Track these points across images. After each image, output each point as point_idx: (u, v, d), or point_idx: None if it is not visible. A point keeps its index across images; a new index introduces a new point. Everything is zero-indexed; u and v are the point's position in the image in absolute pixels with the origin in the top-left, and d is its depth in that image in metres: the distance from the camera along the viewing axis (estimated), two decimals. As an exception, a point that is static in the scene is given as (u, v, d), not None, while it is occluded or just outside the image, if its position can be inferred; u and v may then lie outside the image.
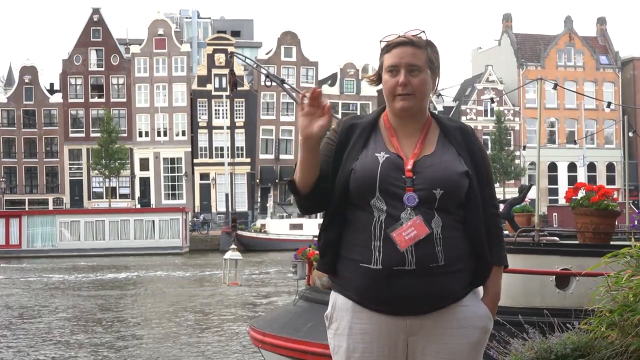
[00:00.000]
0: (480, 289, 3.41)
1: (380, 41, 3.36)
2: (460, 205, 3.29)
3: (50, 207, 71.49)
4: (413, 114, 3.33)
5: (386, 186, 3.22)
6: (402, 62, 3.27)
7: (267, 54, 78.14)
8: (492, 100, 52.51)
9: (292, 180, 3.31)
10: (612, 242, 9.38)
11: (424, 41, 3.33)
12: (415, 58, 3.28)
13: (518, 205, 16.57)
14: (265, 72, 14.87)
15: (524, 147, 59.60)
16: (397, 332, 3.27)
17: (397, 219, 3.19)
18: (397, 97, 3.28)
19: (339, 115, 55.57)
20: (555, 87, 20.50)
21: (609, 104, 42.84)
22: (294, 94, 17.49)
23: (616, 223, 10.06)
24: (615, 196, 9.86)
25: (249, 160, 75.31)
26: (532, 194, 23.24)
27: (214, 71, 74.82)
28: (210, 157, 75.07)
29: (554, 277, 8.86)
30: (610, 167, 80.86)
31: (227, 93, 68.33)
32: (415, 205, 3.19)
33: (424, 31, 3.35)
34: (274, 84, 15.05)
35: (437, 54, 3.38)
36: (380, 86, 3.42)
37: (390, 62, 3.30)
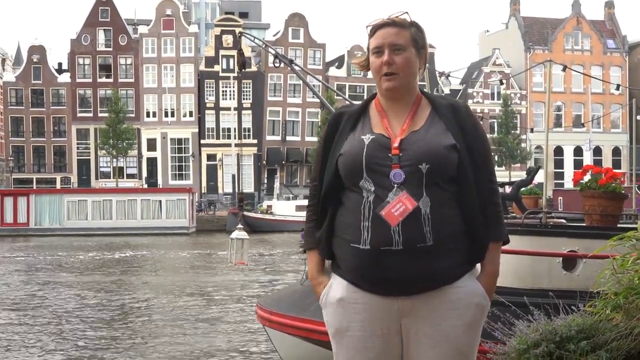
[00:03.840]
0: (478, 267, 3.38)
1: (367, 27, 3.42)
2: (451, 180, 3.28)
3: (58, 186, 71.60)
4: (400, 93, 3.37)
5: (372, 166, 3.25)
6: (386, 42, 3.32)
7: (274, 35, 77.94)
8: (500, 82, 52.30)
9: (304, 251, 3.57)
10: (619, 225, 9.40)
11: (408, 22, 3.38)
12: (398, 37, 3.32)
13: (525, 188, 16.54)
14: (274, 52, 14.84)
15: (532, 130, 59.49)
16: (390, 312, 3.29)
17: (385, 198, 3.22)
18: (383, 77, 3.33)
19: (346, 95, 55.53)
20: (564, 69, 20.45)
21: (618, 86, 42.65)
22: (302, 75, 17.46)
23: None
24: (623, 179, 9.88)
25: (255, 141, 75.21)
26: (538, 177, 23.23)
27: (222, 52, 74.66)
28: (217, 138, 75.02)
29: (561, 258, 8.88)
30: (616, 151, 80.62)
31: (235, 74, 68.36)
32: (402, 182, 3.21)
33: (407, 12, 3.39)
34: (282, 64, 15.00)
35: (423, 34, 3.41)
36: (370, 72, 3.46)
37: (374, 44, 3.36)
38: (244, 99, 74.51)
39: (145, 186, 69.69)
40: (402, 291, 3.24)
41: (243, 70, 17.03)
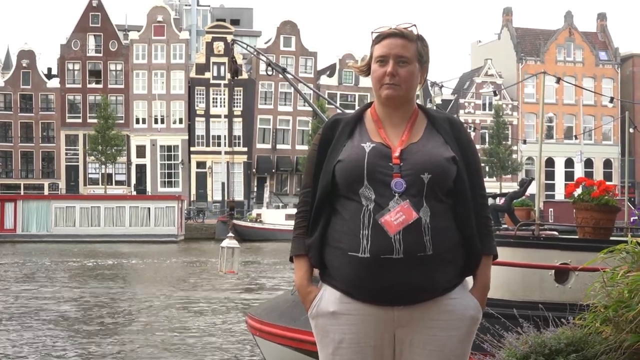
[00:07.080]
0: (470, 279, 3.40)
1: (372, 32, 3.40)
2: (449, 193, 3.28)
3: (46, 192, 71.48)
4: (399, 104, 3.36)
5: (374, 174, 3.23)
6: (391, 53, 3.31)
7: (266, 43, 78.02)
8: (494, 93, 52.40)
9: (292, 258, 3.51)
10: (612, 238, 9.39)
11: (415, 35, 3.37)
12: (404, 50, 3.32)
13: (517, 200, 16.55)
14: (267, 60, 14.80)
15: (525, 142, 59.64)
16: (385, 323, 3.26)
17: (386, 206, 3.20)
18: (384, 86, 3.32)
19: (337, 104, 55.45)
20: (558, 82, 20.48)
21: (612, 99, 42.72)
22: (295, 84, 17.41)
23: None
24: (615, 192, 9.89)
25: (245, 149, 75.26)
26: (531, 189, 23.25)
27: (213, 59, 74.76)
28: (207, 145, 75.02)
29: (553, 271, 8.86)
30: (607, 164, 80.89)
31: (225, 82, 68.42)
32: (403, 191, 3.20)
33: (415, 25, 3.38)
34: (274, 72, 14.95)
35: (427, 48, 3.42)
36: (369, 77, 3.45)
37: (379, 53, 3.34)
38: (234, 106, 74.50)
39: (134, 193, 69.67)
40: (400, 300, 3.22)
41: (235, 77, 16.97)
